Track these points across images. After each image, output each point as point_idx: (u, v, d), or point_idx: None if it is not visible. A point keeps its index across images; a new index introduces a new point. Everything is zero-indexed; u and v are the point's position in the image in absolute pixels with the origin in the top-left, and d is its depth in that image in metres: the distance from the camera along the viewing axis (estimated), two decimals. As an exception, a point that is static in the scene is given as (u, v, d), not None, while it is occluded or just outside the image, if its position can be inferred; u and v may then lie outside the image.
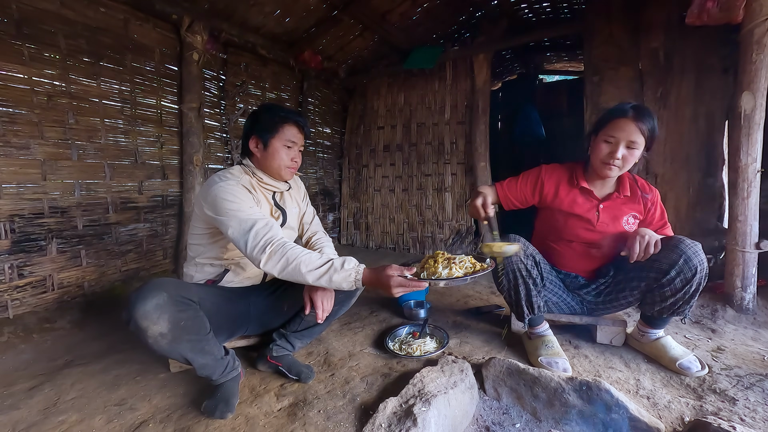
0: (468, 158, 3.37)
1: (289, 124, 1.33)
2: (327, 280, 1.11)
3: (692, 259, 1.26)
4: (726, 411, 1.10)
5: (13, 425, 1.11)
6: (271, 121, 1.32)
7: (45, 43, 1.89)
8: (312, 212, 1.63)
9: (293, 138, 1.34)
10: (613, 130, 1.29)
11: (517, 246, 1.29)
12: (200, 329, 1.11)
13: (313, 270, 1.10)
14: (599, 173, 1.38)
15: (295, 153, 1.37)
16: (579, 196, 1.44)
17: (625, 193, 1.43)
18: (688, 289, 1.28)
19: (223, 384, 1.18)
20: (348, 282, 1.11)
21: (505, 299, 1.50)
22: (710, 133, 2.32)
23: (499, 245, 1.27)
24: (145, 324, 0.99)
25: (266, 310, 1.43)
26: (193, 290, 1.15)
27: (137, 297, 1.00)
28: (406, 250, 3.77)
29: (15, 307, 1.84)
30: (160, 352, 1.05)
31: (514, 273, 1.39)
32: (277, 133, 1.32)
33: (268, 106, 1.38)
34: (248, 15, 2.67)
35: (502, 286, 1.45)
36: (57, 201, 1.99)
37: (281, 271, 1.11)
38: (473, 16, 3.33)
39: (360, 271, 1.11)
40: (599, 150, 1.33)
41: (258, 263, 1.11)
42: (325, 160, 3.96)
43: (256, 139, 1.34)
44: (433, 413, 1.00)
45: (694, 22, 1.93)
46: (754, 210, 1.82)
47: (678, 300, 1.32)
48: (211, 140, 2.78)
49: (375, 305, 2.10)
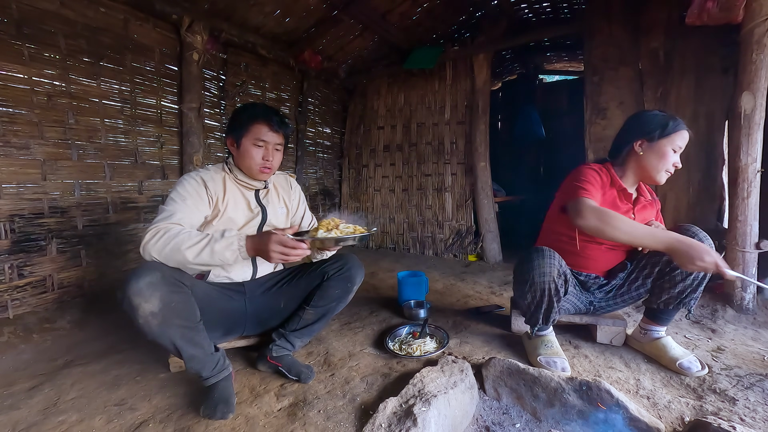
0: (468, 158, 3.37)
1: (258, 122, 1.30)
2: (209, 252, 1.08)
3: (704, 241, 1.28)
4: (726, 411, 1.10)
5: (13, 425, 1.11)
6: (241, 119, 1.31)
7: (45, 43, 1.89)
8: (309, 217, 1.59)
9: (263, 137, 1.30)
10: (681, 140, 1.32)
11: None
12: (191, 315, 1.12)
13: (193, 246, 1.07)
14: (655, 179, 1.36)
15: (267, 152, 1.32)
16: (617, 197, 1.41)
17: (647, 198, 1.47)
18: (698, 274, 1.31)
19: (217, 384, 1.17)
20: (231, 250, 1.09)
21: (522, 306, 1.47)
22: (710, 132, 2.33)
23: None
24: (137, 301, 1.00)
25: (263, 308, 1.43)
26: (186, 276, 1.15)
27: (132, 275, 1.02)
28: (406, 250, 3.77)
29: (15, 307, 1.84)
30: (150, 334, 1.06)
31: (543, 291, 1.33)
32: (246, 132, 1.30)
33: (244, 105, 1.36)
34: (248, 15, 2.67)
35: (525, 299, 1.40)
36: (57, 201, 1.99)
37: (160, 251, 1.08)
38: (473, 16, 3.33)
39: (242, 237, 1.10)
40: (667, 157, 1.31)
41: (140, 247, 1.10)
42: (325, 160, 3.96)
43: (231, 139, 1.34)
44: (433, 413, 1.00)
45: (694, 22, 1.93)
46: (754, 210, 1.82)
47: (687, 287, 1.34)
48: (211, 140, 2.78)
49: (375, 305, 2.10)
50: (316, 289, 1.41)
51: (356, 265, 1.43)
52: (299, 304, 1.44)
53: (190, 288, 1.14)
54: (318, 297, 1.40)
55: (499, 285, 2.50)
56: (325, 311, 1.42)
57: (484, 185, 3.25)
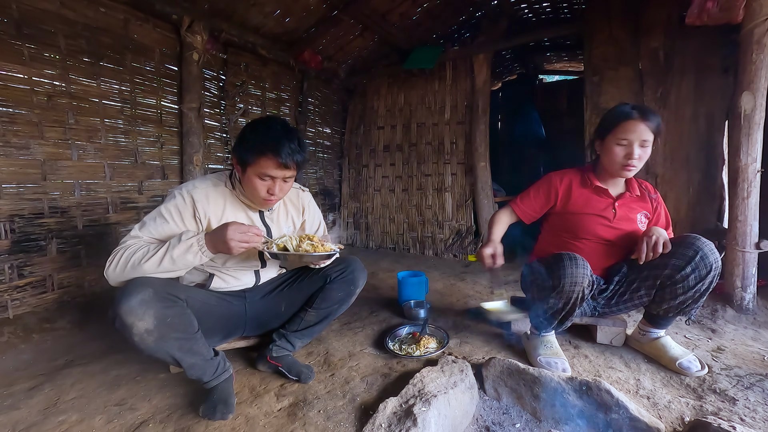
0: (468, 158, 3.37)
1: (266, 157, 1.12)
2: (169, 260, 1.04)
3: (708, 256, 1.26)
4: (726, 411, 1.10)
5: (13, 425, 1.11)
6: (251, 147, 1.14)
7: (45, 43, 1.89)
8: (318, 225, 1.53)
9: (269, 173, 1.14)
10: (624, 132, 1.33)
11: (518, 315, 1.42)
12: (187, 327, 1.10)
13: (151, 257, 1.04)
14: (618, 174, 1.41)
15: (274, 185, 1.18)
16: (593, 195, 1.48)
17: (636, 193, 1.48)
18: (700, 287, 1.29)
19: (217, 386, 1.17)
20: (192, 252, 1.05)
21: (538, 308, 1.42)
22: (710, 133, 2.33)
23: (500, 309, 1.43)
24: (131, 320, 0.98)
25: (263, 312, 1.42)
26: (180, 288, 1.14)
27: (122, 293, 0.99)
28: (406, 250, 3.77)
29: (15, 307, 1.84)
30: (147, 351, 1.04)
31: (570, 299, 1.31)
32: (253, 163, 1.14)
33: (254, 126, 1.19)
34: (248, 15, 2.67)
35: (548, 303, 1.36)
36: (57, 201, 1.99)
37: (121, 273, 1.05)
38: (473, 16, 3.33)
39: (201, 236, 1.06)
40: (614, 153, 1.36)
41: (105, 272, 1.07)
42: (325, 160, 3.96)
43: (236, 159, 1.20)
44: (433, 413, 1.00)
45: (694, 22, 1.93)
46: (754, 210, 1.82)
47: (688, 299, 1.32)
48: (211, 140, 2.78)
49: (375, 305, 2.10)
50: (318, 292, 1.40)
51: (359, 268, 1.42)
52: (301, 306, 1.43)
53: (185, 300, 1.11)
54: (320, 299, 1.39)
55: (499, 285, 2.50)
56: (327, 313, 1.41)
57: (484, 185, 3.25)
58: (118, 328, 1.00)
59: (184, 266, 1.08)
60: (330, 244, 1.23)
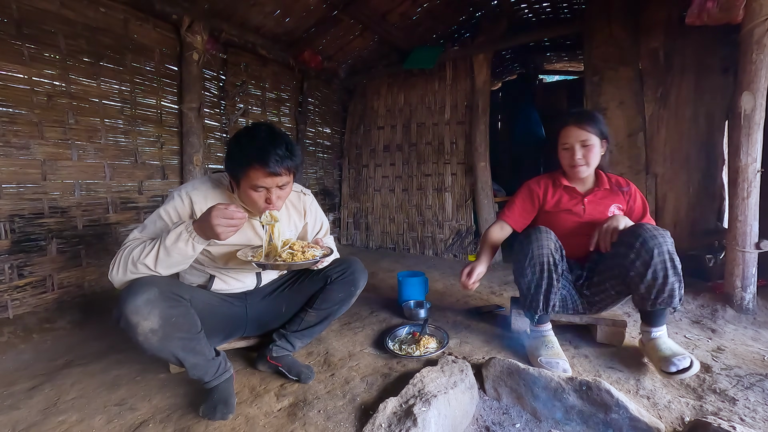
0: (468, 158, 3.37)
1: (254, 167, 1.07)
2: (164, 252, 1.03)
3: (648, 241, 1.25)
4: (726, 411, 1.10)
5: (13, 425, 1.11)
6: (237, 160, 1.10)
7: (45, 43, 1.89)
8: (320, 226, 1.52)
9: (261, 183, 1.09)
10: (565, 137, 1.51)
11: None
12: (191, 327, 1.10)
13: (147, 254, 1.04)
14: (573, 175, 1.56)
15: (270, 194, 1.14)
16: (564, 194, 1.60)
17: (605, 187, 1.56)
18: (654, 274, 1.25)
19: (217, 386, 1.17)
20: (182, 240, 1.03)
21: (522, 289, 1.47)
22: (710, 133, 2.33)
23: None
24: (136, 319, 0.98)
25: (264, 312, 1.43)
26: (184, 288, 1.14)
27: (127, 293, 0.99)
28: (406, 251, 3.77)
29: (15, 307, 1.84)
30: (150, 350, 1.04)
31: (542, 265, 1.38)
32: (243, 176, 1.10)
33: (238, 138, 1.14)
34: (248, 15, 2.67)
35: (525, 276, 1.42)
36: (57, 201, 1.99)
37: (124, 275, 1.05)
38: (473, 16, 3.33)
39: (189, 223, 1.05)
40: (563, 157, 1.55)
41: (109, 276, 1.09)
42: (325, 160, 3.96)
43: (229, 174, 1.17)
44: (433, 413, 1.00)
45: (694, 22, 1.93)
46: (754, 210, 1.82)
47: (650, 288, 1.28)
48: (211, 140, 2.78)
49: (375, 305, 2.10)
50: (318, 293, 1.40)
51: (359, 269, 1.42)
52: (301, 307, 1.44)
53: (189, 300, 1.12)
54: (321, 300, 1.39)
55: (499, 285, 2.50)
56: (327, 314, 1.42)
57: (484, 185, 3.25)
58: (122, 328, 1.00)
59: (179, 256, 1.06)
60: (314, 251, 1.21)
